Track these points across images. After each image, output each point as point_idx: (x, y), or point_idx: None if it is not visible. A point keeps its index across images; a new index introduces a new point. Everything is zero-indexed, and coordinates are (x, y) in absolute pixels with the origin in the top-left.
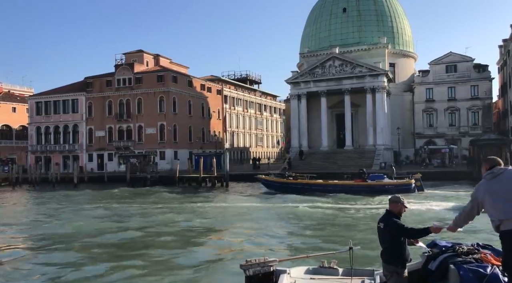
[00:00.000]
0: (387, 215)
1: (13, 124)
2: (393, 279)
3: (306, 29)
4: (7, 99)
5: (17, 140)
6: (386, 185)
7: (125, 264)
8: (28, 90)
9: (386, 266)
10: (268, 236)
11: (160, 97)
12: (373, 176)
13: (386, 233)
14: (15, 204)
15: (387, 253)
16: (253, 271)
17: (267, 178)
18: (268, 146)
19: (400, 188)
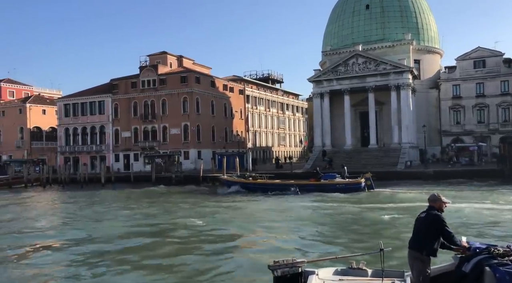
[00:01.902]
0: (430, 209)
1: (43, 126)
2: (416, 265)
3: (328, 27)
4: (37, 101)
5: (47, 142)
6: (337, 184)
7: (150, 264)
8: (57, 93)
9: (410, 252)
10: (295, 236)
11: (183, 98)
12: (326, 176)
13: (423, 221)
14: (47, 203)
15: (415, 240)
16: (281, 272)
17: (228, 178)
18: (291, 145)
19: (350, 186)
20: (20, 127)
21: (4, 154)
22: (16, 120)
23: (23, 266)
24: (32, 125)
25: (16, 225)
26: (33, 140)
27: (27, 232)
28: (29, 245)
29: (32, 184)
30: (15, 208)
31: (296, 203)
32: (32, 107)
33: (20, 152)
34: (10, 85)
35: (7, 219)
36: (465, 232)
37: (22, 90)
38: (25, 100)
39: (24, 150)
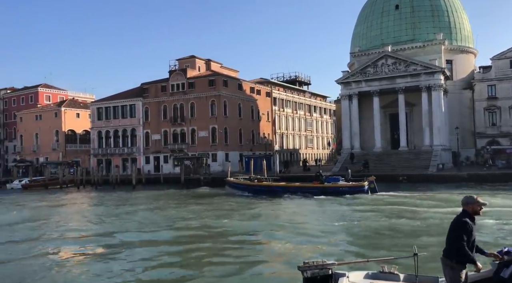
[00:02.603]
0: (461, 213)
1: (77, 129)
2: (447, 272)
3: (357, 28)
4: (72, 105)
5: (81, 144)
6: (340, 187)
7: (180, 263)
8: (90, 97)
9: (442, 259)
10: (325, 238)
11: (211, 101)
12: (330, 179)
13: (450, 227)
14: (81, 204)
15: (447, 246)
16: (311, 273)
17: (233, 180)
18: (319, 148)
19: (353, 189)
20: (55, 130)
21: (41, 156)
22: (52, 124)
23: (54, 262)
24: (67, 128)
25: (51, 224)
26: (67, 142)
27: (61, 231)
28: (61, 242)
29: (67, 185)
30: (52, 208)
31: (321, 206)
32: (67, 111)
33: (55, 154)
34: (47, 90)
35: (44, 218)
36: (506, 237)
37: (58, 95)
38: (60, 104)
39: (59, 153)
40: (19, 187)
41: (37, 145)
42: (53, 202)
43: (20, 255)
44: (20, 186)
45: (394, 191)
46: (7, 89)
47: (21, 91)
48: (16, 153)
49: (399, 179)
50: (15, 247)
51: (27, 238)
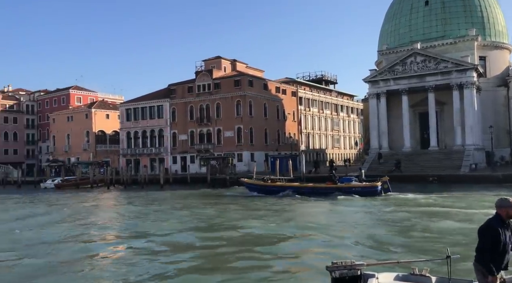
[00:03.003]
0: (493, 216)
1: (107, 130)
2: (479, 277)
3: (385, 26)
4: (101, 107)
5: (111, 144)
6: (353, 187)
7: (204, 264)
8: (119, 98)
9: (474, 263)
10: (354, 238)
11: (237, 101)
12: (343, 179)
13: (478, 230)
14: (111, 203)
15: (477, 251)
16: (340, 274)
17: (248, 181)
18: (346, 148)
19: (366, 190)
20: (86, 131)
21: (73, 156)
22: (83, 125)
23: (87, 260)
24: (97, 129)
25: (85, 223)
26: (98, 143)
27: (92, 229)
28: (92, 241)
29: (97, 184)
30: (84, 206)
31: (348, 206)
32: (97, 112)
33: (86, 154)
34: (78, 92)
35: (79, 217)
36: None
37: (88, 96)
38: (91, 106)
39: (90, 153)
40: (52, 186)
41: (69, 145)
42: (85, 202)
43: (55, 252)
44: (53, 185)
45: (416, 193)
46: (40, 91)
47: (53, 93)
48: (49, 153)
49: (429, 180)
50: (50, 244)
51: (60, 235)
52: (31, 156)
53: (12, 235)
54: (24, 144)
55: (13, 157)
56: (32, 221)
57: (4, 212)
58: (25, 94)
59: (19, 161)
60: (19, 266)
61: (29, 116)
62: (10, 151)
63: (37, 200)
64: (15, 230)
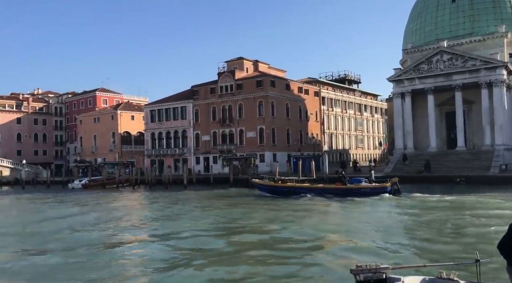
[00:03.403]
0: None
1: (132, 131)
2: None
3: (410, 24)
4: (127, 108)
5: (136, 145)
6: (362, 188)
7: (227, 266)
8: (143, 100)
9: (507, 268)
10: (379, 240)
11: (259, 102)
12: (352, 180)
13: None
14: (136, 202)
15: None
16: (364, 277)
17: (259, 181)
18: (369, 148)
19: (376, 191)
20: (112, 132)
21: (99, 157)
22: (109, 126)
23: (111, 256)
24: (123, 130)
25: (112, 222)
26: (123, 144)
27: (118, 227)
28: (118, 238)
29: (123, 184)
30: (111, 206)
31: (372, 207)
32: (122, 113)
33: (112, 155)
34: (104, 94)
35: (105, 217)
36: None
37: (114, 98)
38: (116, 107)
39: (115, 153)
40: (79, 186)
41: (95, 146)
42: (112, 202)
43: (86, 250)
44: (80, 185)
45: (443, 194)
46: (68, 93)
47: (81, 95)
48: (76, 154)
49: (456, 181)
50: (81, 241)
51: (90, 235)
52: (60, 157)
53: (45, 234)
54: (53, 145)
55: (43, 158)
56: (64, 221)
57: (41, 212)
58: (53, 96)
59: (48, 162)
60: (52, 263)
61: (57, 118)
62: (40, 152)
63: (66, 200)
64: (43, 228)
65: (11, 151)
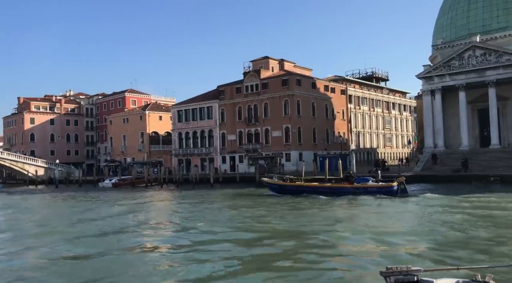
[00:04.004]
0: None
1: (160, 131)
2: None
3: (440, 19)
4: (155, 109)
5: (163, 145)
6: (369, 187)
7: (256, 266)
8: (171, 100)
9: None
10: (409, 241)
11: (285, 101)
12: (359, 179)
13: None
14: (165, 201)
15: None
16: (395, 279)
17: (268, 180)
18: (398, 147)
19: (382, 190)
20: (141, 132)
21: (128, 157)
22: (138, 126)
23: (140, 254)
24: (151, 130)
25: (140, 219)
26: (151, 143)
27: (151, 227)
28: (146, 237)
29: (151, 183)
30: (142, 205)
31: (400, 207)
32: (151, 114)
33: (141, 155)
34: (133, 95)
35: (133, 214)
36: None
37: (142, 99)
38: (145, 108)
39: (144, 153)
40: (110, 185)
41: (125, 146)
42: (142, 200)
43: (115, 247)
44: (111, 184)
45: (475, 194)
46: (98, 95)
47: (110, 97)
48: (107, 153)
49: (490, 180)
50: (113, 239)
51: (121, 230)
52: (91, 157)
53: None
54: (84, 145)
55: (75, 158)
56: (97, 219)
57: (71, 208)
58: (84, 98)
59: (80, 161)
60: (88, 261)
61: (88, 118)
62: (72, 152)
63: (99, 198)
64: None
65: (45, 151)
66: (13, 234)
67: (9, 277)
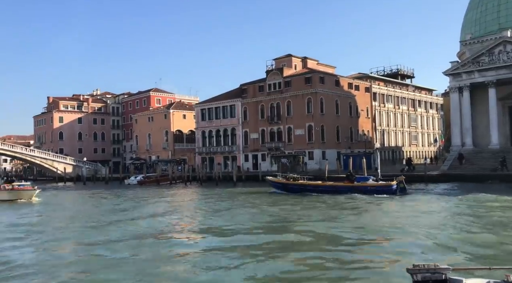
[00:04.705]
0: None
1: (184, 129)
2: None
3: (469, 14)
4: (179, 107)
5: (187, 143)
6: (368, 186)
7: (280, 264)
8: (194, 99)
9: None
10: (438, 239)
11: (307, 99)
12: (359, 178)
13: None
14: (194, 200)
15: None
16: (422, 277)
17: (272, 179)
18: (424, 145)
19: (381, 189)
20: (165, 130)
21: (153, 155)
22: (162, 125)
23: (165, 249)
24: (175, 128)
25: (165, 215)
26: (175, 142)
27: (176, 225)
28: (178, 237)
29: (175, 181)
30: (167, 202)
31: (426, 204)
32: (175, 112)
33: (165, 153)
34: (157, 94)
35: (160, 210)
36: None
37: (167, 98)
38: (169, 107)
39: (168, 151)
40: (135, 182)
41: (150, 144)
42: (167, 197)
43: (144, 245)
44: (136, 181)
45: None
46: (124, 94)
47: (136, 96)
48: (132, 151)
49: None
50: (136, 238)
51: (146, 229)
52: (117, 155)
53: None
54: (110, 143)
55: (101, 156)
56: (126, 214)
57: (104, 206)
58: (111, 97)
59: (106, 159)
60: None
61: (114, 117)
62: (99, 150)
63: (123, 195)
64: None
65: (73, 149)
66: (58, 228)
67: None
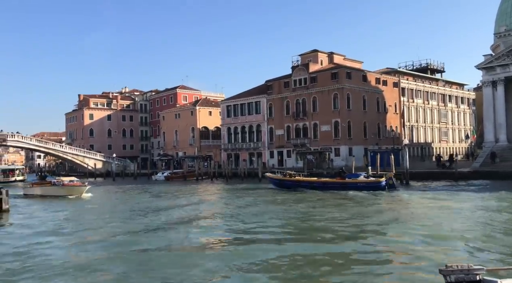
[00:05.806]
0: None
1: (210, 126)
2: None
3: (503, 5)
4: (204, 104)
5: (213, 140)
6: (358, 182)
7: (305, 262)
8: (220, 96)
9: None
10: (471, 239)
11: (334, 94)
12: (350, 175)
13: None
14: (220, 196)
15: None
16: (455, 278)
17: (270, 175)
18: (454, 141)
19: (371, 185)
20: (191, 127)
21: (180, 151)
22: (188, 121)
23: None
24: (201, 125)
25: (191, 211)
26: (202, 138)
27: (204, 220)
28: (197, 229)
29: (202, 177)
30: (192, 196)
31: (457, 203)
32: (201, 109)
33: (192, 149)
34: (184, 91)
35: (187, 205)
36: None
37: (193, 95)
38: (195, 104)
39: (195, 148)
40: (162, 178)
41: (177, 141)
42: (196, 193)
43: (177, 242)
44: (163, 177)
45: None
46: (152, 91)
47: (163, 93)
48: (160, 148)
49: None
50: (164, 231)
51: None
52: (145, 151)
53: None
54: (138, 140)
55: (130, 152)
56: (151, 209)
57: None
58: (139, 94)
59: (135, 155)
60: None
61: (142, 114)
62: (127, 147)
63: (152, 190)
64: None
65: (103, 146)
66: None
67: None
